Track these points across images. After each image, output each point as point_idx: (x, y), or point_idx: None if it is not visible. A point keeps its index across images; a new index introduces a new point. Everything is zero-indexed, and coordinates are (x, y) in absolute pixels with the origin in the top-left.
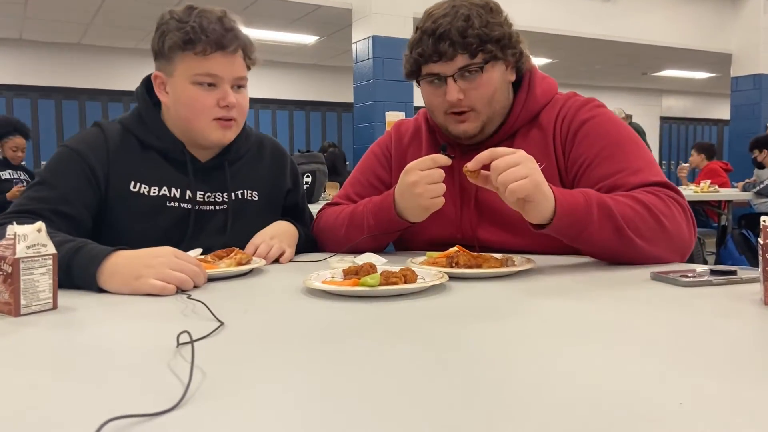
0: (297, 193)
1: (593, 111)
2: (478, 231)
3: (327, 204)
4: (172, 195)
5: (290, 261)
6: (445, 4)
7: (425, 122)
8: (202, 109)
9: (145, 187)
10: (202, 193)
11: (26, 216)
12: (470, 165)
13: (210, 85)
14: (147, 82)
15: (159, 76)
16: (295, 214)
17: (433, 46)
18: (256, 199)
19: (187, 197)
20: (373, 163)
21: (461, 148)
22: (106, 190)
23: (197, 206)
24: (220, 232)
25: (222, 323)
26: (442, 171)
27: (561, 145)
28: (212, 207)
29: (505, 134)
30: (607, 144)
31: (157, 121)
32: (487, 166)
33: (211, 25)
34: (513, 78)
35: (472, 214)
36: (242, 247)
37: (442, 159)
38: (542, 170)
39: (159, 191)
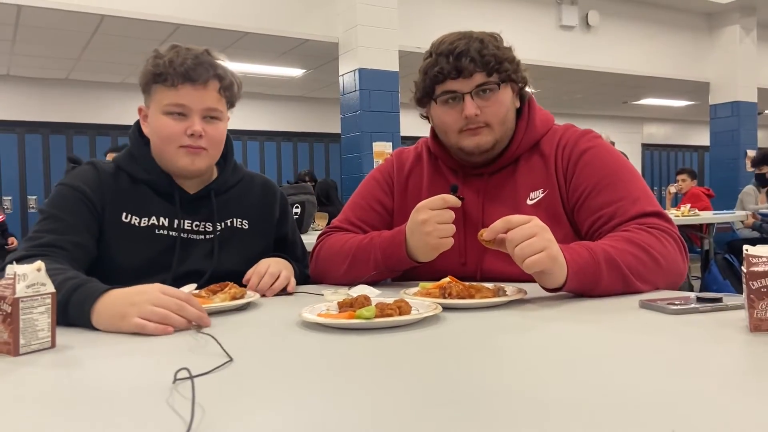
0: (285, 224)
1: (592, 141)
2: (483, 262)
3: (328, 229)
4: (160, 224)
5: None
6: (455, 33)
7: (426, 150)
8: (170, 137)
9: (135, 218)
10: (190, 221)
11: (49, 249)
12: (486, 235)
13: (181, 114)
14: (139, 121)
15: (143, 109)
16: (285, 247)
17: (452, 63)
18: (246, 227)
19: (175, 225)
20: (374, 188)
21: (464, 173)
22: (102, 220)
23: (185, 234)
24: (208, 258)
25: (231, 358)
26: (452, 212)
27: (563, 172)
28: (202, 236)
29: (508, 160)
30: (607, 173)
31: (146, 157)
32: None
33: (181, 58)
34: (518, 104)
35: (478, 245)
36: (233, 275)
37: (453, 200)
38: (545, 196)
39: (148, 221)
